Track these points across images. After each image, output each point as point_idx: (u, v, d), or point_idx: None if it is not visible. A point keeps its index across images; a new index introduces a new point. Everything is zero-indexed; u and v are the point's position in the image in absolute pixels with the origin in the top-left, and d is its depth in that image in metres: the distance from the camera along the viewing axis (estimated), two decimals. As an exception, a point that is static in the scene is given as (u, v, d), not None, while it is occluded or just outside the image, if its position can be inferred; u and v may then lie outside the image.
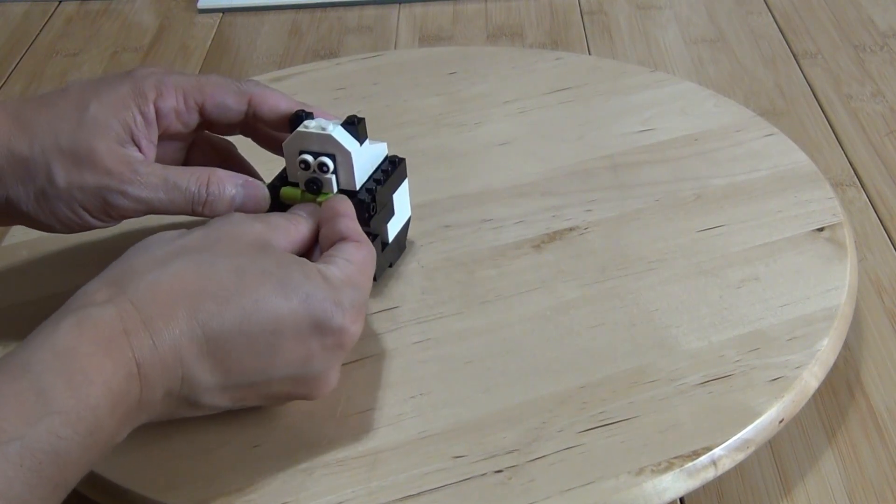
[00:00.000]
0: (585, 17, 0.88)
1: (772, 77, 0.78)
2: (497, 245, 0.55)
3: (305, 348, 0.41)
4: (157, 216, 0.49)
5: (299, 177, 0.49)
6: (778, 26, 0.86)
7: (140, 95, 0.48)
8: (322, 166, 0.48)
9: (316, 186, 0.48)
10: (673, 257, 0.54)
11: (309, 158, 0.48)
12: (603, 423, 0.44)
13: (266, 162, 0.53)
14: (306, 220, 0.46)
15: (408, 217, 0.53)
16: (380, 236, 0.50)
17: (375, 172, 0.50)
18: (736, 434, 0.43)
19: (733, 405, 0.45)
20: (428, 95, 0.69)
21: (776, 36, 0.84)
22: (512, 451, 0.43)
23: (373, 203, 0.49)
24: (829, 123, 0.72)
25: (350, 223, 0.46)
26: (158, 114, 0.48)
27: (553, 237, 0.56)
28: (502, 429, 0.45)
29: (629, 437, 0.44)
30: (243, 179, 0.49)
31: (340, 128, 0.48)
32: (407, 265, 0.54)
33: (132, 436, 0.38)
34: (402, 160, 0.51)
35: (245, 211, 0.48)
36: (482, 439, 0.44)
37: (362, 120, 0.49)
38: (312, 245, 0.46)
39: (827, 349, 0.48)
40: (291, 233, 0.45)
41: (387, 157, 0.51)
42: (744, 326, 0.49)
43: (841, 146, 0.70)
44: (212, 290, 0.39)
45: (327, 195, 0.48)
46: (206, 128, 0.51)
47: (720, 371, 0.47)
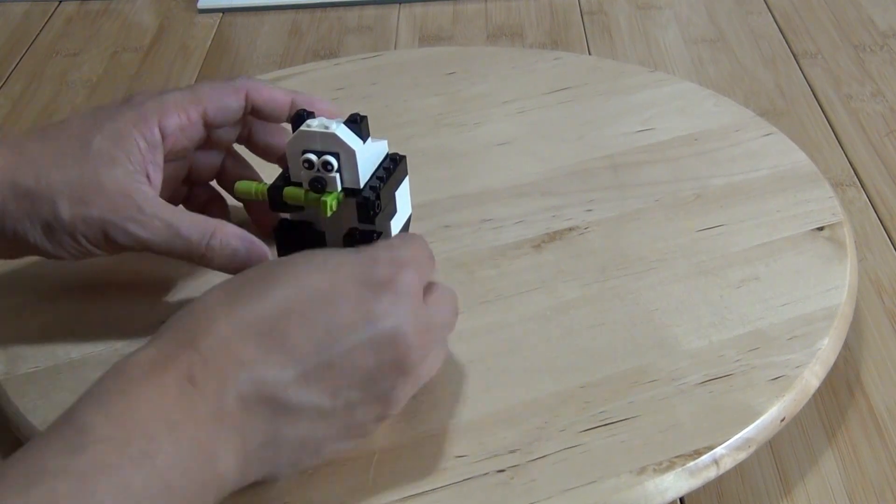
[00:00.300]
0: (585, 17, 0.88)
1: (772, 77, 0.78)
2: (497, 245, 0.55)
3: (359, 304, 0.39)
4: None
5: (302, 176, 0.49)
6: (778, 26, 0.86)
7: (143, 121, 0.48)
8: (326, 165, 0.48)
9: (320, 185, 0.48)
10: (673, 257, 0.54)
11: (313, 157, 0.48)
12: (604, 423, 0.44)
13: (266, 166, 0.53)
14: None
15: (409, 214, 0.53)
16: (383, 234, 0.50)
17: (378, 170, 0.50)
18: (737, 433, 0.43)
19: (734, 404, 0.45)
20: (427, 95, 0.70)
21: (776, 36, 0.84)
22: (513, 451, 0.43)
23: (377, 201, 0.48)
24: (829, 123, 0.72)
25: None
26: (163, 134, 0.48)
27: (553, 237, 0.56)
28: (503, 428, 0.45)
29: (630, 437, 0.44)
30: (249, 239, 0.48)
31: (344, 126, 0.48)
32: (407, 265, 0.54)
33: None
34: (403, 157, 0.51)
35: (242, 269, 0.46)
36: (483, 439, 0.44)
37: (364, 118, 0.49)
38: None
39: (827, 348, 0.48)
40: None
41: (388, 155, 0.51)
42: (744, 326, 0.49)
43: (841, 146, 0.70)
44: (242, 284, 0.40)
45: (331, 194, 0.48)
46: (209, 137, 0.51)
47: (721, 370, 0.47)
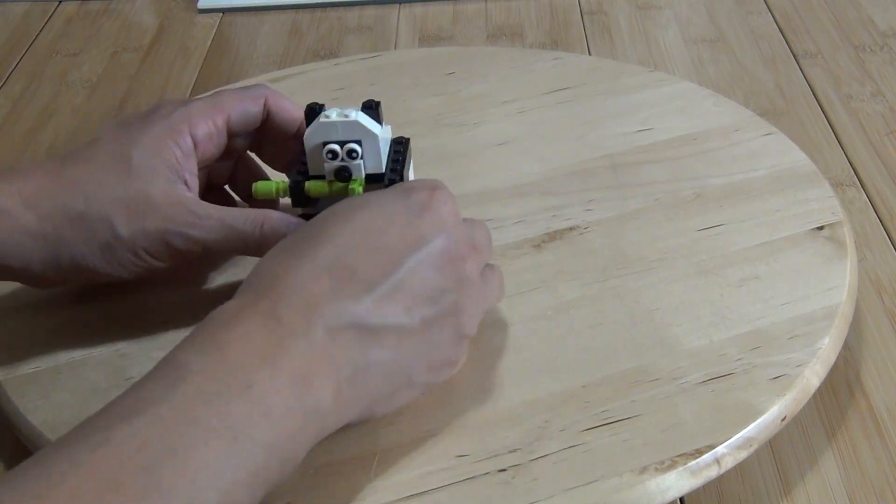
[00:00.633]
0: (585, 17, 0.88)
1: (772, 77, 0.78)
2: (497, 245, 0.55)
3: (407, 228, 0.41)
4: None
5: (326, 168, 0.49)
6: (778, 26, 0.86)
7: (175, 131, 0.49)
8: (351, 153, 0.48)
9: (347, 174, 0.49)
10: (673, 257, 0.54)
11: (336, 147, 0.48)
12: (605, 422, 0.44)
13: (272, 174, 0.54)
14: None
15: None
16: None
17: (391, 154, 0.51)
18: (738, 432, 0.43)
19: (735, 403, 0.45)
20: (427, 95, 0.70)
21: (776, 36, 0.84)
22: (514, 451, 0.43)
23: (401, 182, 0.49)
24: (829, 123, 0.72)
25: None
26: (195, 142, 0.49)
27: (553, 237, 0.56)
28: (505, 428, 0.45)
29: (632, 436, 0.44)
30: (296, 221, 0.49)
31: (362, 113, 0.49)
32: (408, 265, 0.54)
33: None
34: (408, 139, 0.52)
35: None
36: (484, 438, 0.44)
37: (379, 103, 0.50)
38: None
39: (828, 348, 0.48)
40: None
41: (394, 139, 0.52)
42: (744, 325, 0.49)
43: (841, 146, 0.70)
44: (298, 238, 0.41)
45: (356, 181, 0.49)
46: (228, 144, 0.52)
47: (722, 370, 0.47)
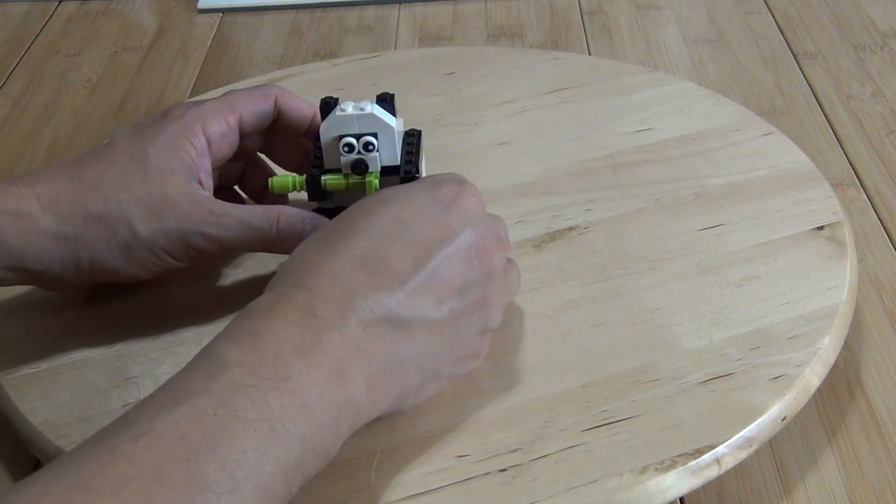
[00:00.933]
0: (585, 17, 0.88)
1: (772, 77, 0.78)
2: (498, 244, 0.55)
3: (437, 222, 0.42)
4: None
5: (342, 161, 0.50)
6: (778, 26, 0.86)
7: (189, 130, 0.49)
8: (367, 146, 0.49)
9: (364, 166, 0.49)
10: (673, 256, 0.54)
11: (352, 141, 0.49)
12: (606, 422, 0.44)
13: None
14: None
15: None
16: None
17: (404, 146, 0.51)
18: (739, 432, 0.43)
19: (736, 403, 0.45)
20: (427, 96, 0.70)
21: (776, 36, 0.84)
22: (515, 451, 0.43)
23: (417, 174, 0.50)
24: (829, 123, 0.72)
25: None
26: (209, 141, 0.50)
27: (553, 237, 0.56)
28: (505, 428, 0.45)
29: (632, 436, 0.44)
30: (310, 215, 0.50)
31: (377, 106, 0.49)
32: (408, 265, 0.54)
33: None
34: (420, 132, 0.53)
35: None
36: (485, 438, 0.44)
37: (393, 95, 0.50)
38: None
39: (828, 347, 0.48)
40: None
41: (406, 131, 0.53)
42: (745, 325, 0.49)
43: (841, 146, 0.70)
44: (329, 232, 0.42)
45: (372, 173, 0.50)
46: (240, 144, 0.53)
47: (722, 369, 0.47)
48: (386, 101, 0.50)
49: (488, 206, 0.58)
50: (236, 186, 0.57)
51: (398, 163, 0.50)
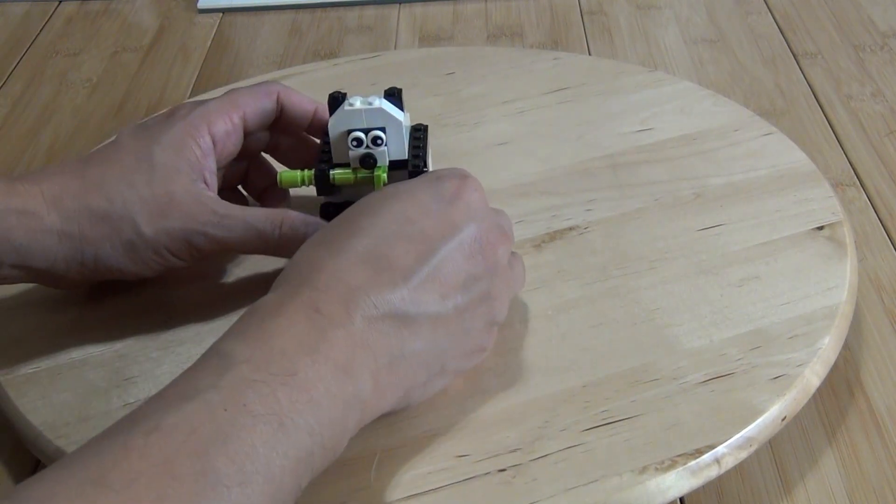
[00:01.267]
0: (585, 17, 0.88)
1: (772, 77, 0.78)
2: (498, 244, 0.55)
3: (440, 217, 0.43)
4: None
5: (351, 156, 0.50)
6: (778, 26, 0.86)
7: (194, 129, 0.49)
8: (376, 140, 0.49)
9: (372, 161, 0.50)
10: (673, 256, 0.54)
11: (361, 135, 0.49)
12: (605, 422, 0.44)
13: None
14: None
15: None
16: None
17: (411, 140, 0.52)
18: (739, 432, 0.43)
19: (736, 403, 0.45)
20: (427, 96, 0.70)
21: (776, 36, 0.84)
22: (515, 451, 0.43)
23: (424, 168, 0.51)
24: (829, 123, 0.72)
25: None
26: (214, 140, 0.50)
27: (553, 237, 0.56)
28: (505, 428, 0.45)
29: (632, 436, 0.44)
30: (314, 220, 0.50)
31: (385, 100, 0.50)
32: (408, 265, 0.54)
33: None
34: (426, 126, 0.53)
35: None
36: (485, 438, 0.44)
37: (401, 90, 0.51)
38: None
39: (828, 347, 0.48)
40: None
41: (412, 126, 0.53)
42: (745, 325, 0.49)
43: (841, 146, 0.70)
44: (333, 230, 0.42)
45: (381, 168, 0.50)
46: (244, 143, 0.53)
47: (722, 369, 0.47)
48: (394, 96, 0.50)
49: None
50: (239, 186, 0.58)
51: (406, 157, 0.51)
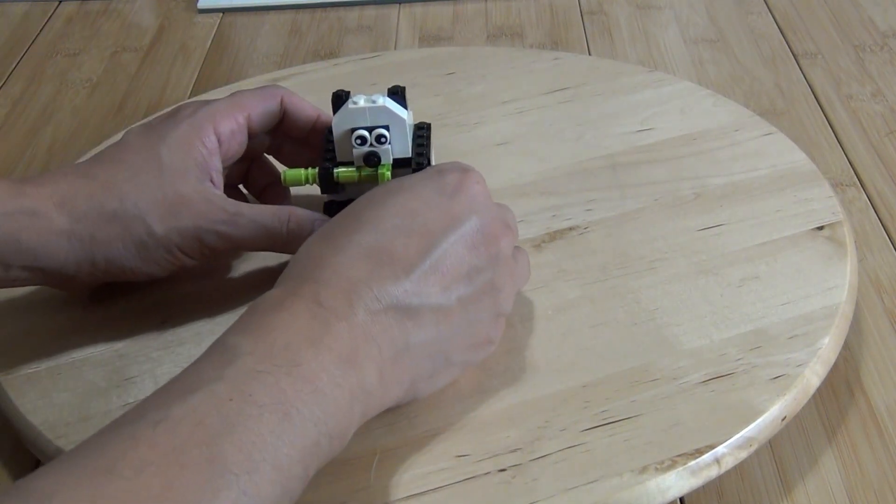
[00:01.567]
0: (585, 17, 0.88)
1: (772, 77, 0.78)
2: (498, 244, 0.55)
3: (441, 209, 0.43)
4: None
5: (354, 154, 0.50)
6: (778, 26, 0.86)
7: (200, 129, 0.50)
8: (380, 138, 0.50)
9: (376, 159, 0.50)
10: (673, 256, 0.54)
11: (364, 133, 0.49)
12: (605, 422, 0.44)
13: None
14: None
15: None
16: None
17: (414, 138, 0.52)
18: (739, 432, 0.43)
19: (736, 403, 0.45)
20: (427, 95, 0.69)
21: (776, 36, 0.84)
22: (515, 450, 0.43)
23: (428, 166, 0.51)
24: (829, 123, 0.72)
25: None
26: (220, 140, 0.50)
27: (553, 237, 0.56)
28: (505, 428, 0.45)
29: (632, 436, 0.44)
30: (321, 217, 0.51)
31: (389, 99, 0.50)
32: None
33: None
34: (429, 124, 0.54)
35: None
36: (485, 438, 0.44)
37: (404, 88, 0.51)
38: None
39: (828, 347, 0.48)
40: None
41: (416, 124, 0.53)
42: (745, 325, 0.49)
43: (841, 146, 0.70)
44: (335, 226, 0.43)
45: (384, 165, 0.50)
46: (248, 143, 0.53)
47: (722, 369, 0.47)
48: (397, 94, 0.51)
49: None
50: (240, 185, 0.58)
51: (409, 155, 0.51)
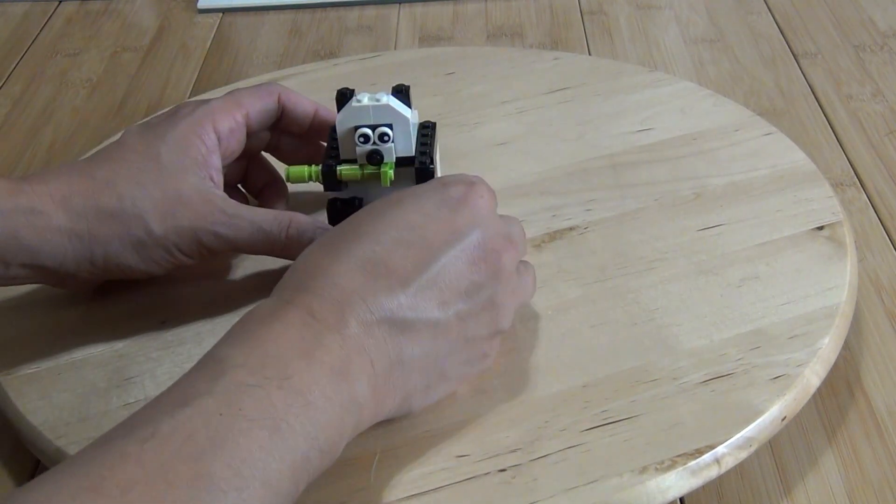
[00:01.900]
0: (585, 17, 0.88)
1: (772, 77, 0.78)
2: (498, 244, 0.55)
3: (443, 222, 0.42)
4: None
5: (357, 152, 0.50)
6: (778, 26, 0.86)
7: (199, 128, 0.50)
8: (383, 136, 0.50)
9: (378, 157, 0.50)
10: (673, 256, 0.54)
11: (368, 131, 0.50)
12: (605, 422, 0.44)
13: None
14: None
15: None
16: None
17: (419, 137, 0.52)
18: (739, 432, 0.43)
19: (735, 403, 0.45)
20: (427, 95, 0.69)
21: (776, 36, 0.84)
22: (515, 451, 0.43)
23: (431, 165, 0.51)
24: (829, 123, 0.72)
25: None
26: (219, 138, 0.50)
27: (553, 237, 0.56)
28: (504, 428, 0.45)
29: (632, 436, 0.44)
30: (322, 225, 0.51)
31: (393, 97, 0.50)
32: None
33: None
34: (434, 123, 0.54)
35: None
36: (485, 438, 0.44)
37: (409, 87, 0.51)
38: None
39: (828, 347, 0.48)
40: None
41: (420, 123, 0.53)
42: (745, 325, 0.49)
43: (841, 146, 0.70)
44: (335, 235, 0.42)
45: (387, 164, 0.51)
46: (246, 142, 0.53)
47: (722, 369, 0.47)
48: (401, 93, 0.51)
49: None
50: (239, 185, 0.58)
51: (413, 154, 0.51)
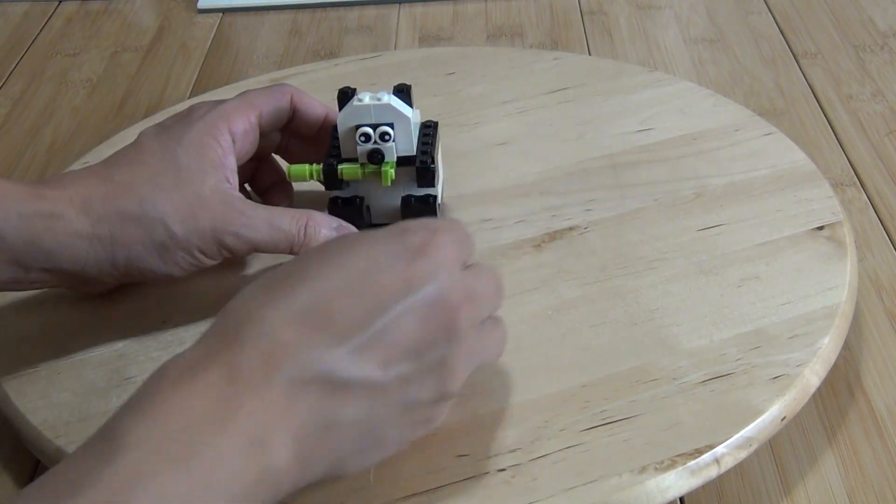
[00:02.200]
0: (585, 17, 0.88)
1: (772, 77, 0.78)
2: (497, 245, 0.55)
3: (396, 273, 0.38)
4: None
5: (359, 151, 0.51)
6: (778, 26, 0.86)
7: (214, 129, 0.49)
8: (384, 136, 0.50)
9: (379, 156, 0.51)
10: (673, 256, 0.54)
11: (369, 130, 0.50)
12: (605, 422, 0.44)
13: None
14: None
15: (442, 178, 0.56)
16: (437, 197, 0.53)
17: (421, 136, 0.52)
18: (738, 432, 0.43)
19: (735, 403, 0.45)
20: (427, 96, 0.69)
21: (776, 36, 0.84)
22: (514, 450, 0.43)
23: (432, 164, 0.51)
24: (829, 123, 0.72)
25: None
26: (234, 139, 0.50)
27: (553, 237, 0.56)
28: (504, 428, 0.45)
29: (631, 436, 0.44)
30: (337, 223, 0.51)
31: (394, 97, 0.50)
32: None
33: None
34: (437, 123, 0.54)
35: None
36: (484, 438, 0.44)
37: (410, 87, 0.51)
38: None
39: (828, 347, 0.48)
40: None
41: (422, 122, 0.54)
42: (745, 325, 0.49)
43: (841, 146, 0.70)
44: (279, 275, 0.38)
45: (388, 163, 0.51)
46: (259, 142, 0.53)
47: (722, 369, 0.47)
48: (403, 92, 0.51)
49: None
50: (246, 184, 0.58)
51: (414, 153, 0.51)
